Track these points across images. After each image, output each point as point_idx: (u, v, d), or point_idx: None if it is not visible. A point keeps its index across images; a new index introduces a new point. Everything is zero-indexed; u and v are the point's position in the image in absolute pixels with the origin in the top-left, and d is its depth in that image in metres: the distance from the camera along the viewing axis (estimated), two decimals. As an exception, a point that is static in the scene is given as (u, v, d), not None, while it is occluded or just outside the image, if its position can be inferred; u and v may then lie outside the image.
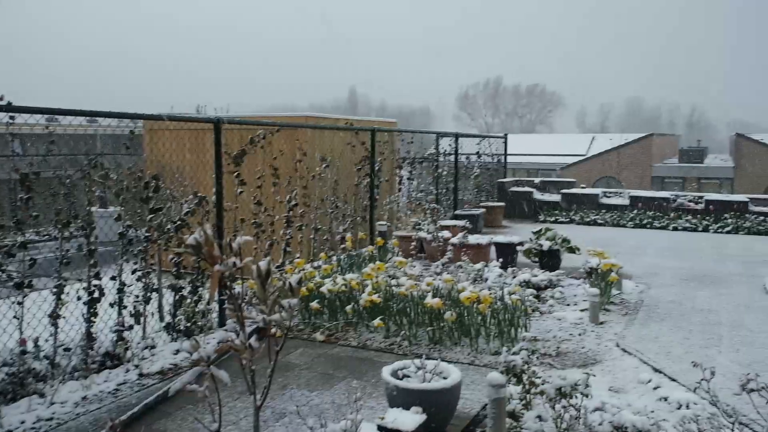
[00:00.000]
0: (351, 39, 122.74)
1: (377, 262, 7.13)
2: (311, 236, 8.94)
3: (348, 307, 6.49)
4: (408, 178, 12.76)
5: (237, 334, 2.13)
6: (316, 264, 7.65)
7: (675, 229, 14.58)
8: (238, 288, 2.06)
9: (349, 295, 6.64)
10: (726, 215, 14.56)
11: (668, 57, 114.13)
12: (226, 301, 2.07)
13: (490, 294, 6.07)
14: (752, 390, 3.63)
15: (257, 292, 1.98)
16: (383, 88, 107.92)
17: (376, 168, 9.98)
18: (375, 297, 6.31)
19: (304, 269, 7.19)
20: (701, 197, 15.37)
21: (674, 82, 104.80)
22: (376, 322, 6.05)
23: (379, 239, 8.92)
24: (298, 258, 7.50)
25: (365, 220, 9.97)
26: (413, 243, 9.73)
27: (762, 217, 14.39)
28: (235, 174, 6.95)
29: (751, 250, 11.83)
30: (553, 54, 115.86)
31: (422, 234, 10.12)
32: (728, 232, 14.13)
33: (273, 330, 2.15)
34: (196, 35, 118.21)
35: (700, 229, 14.44)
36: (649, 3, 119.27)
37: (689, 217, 14.82)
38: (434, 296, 6.20)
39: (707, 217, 14.68)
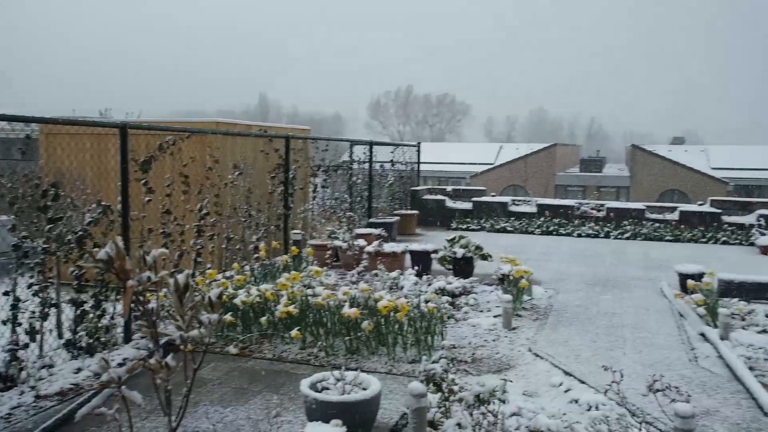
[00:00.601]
0: (261, 43, 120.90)
1: (292, 272, 7.00)
2: (223, 246, 8.68)
3: (263, 319, 6.32)
4: (322, 186, 12.67)
5: (150, 352, 1.99)
6: (228, 275, 7.42)
7: (579, 235, 15.21)
8: (152, 303, 1.92)
9: (263, 307, 6.47)
10: (625, 222, 15.35)
11: (570, 69, 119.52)
12: (139, 317, 1.93)
13: (407, 302, 6.08)
14: (657, 390, 3.81)
15: (175, 307, 1.86)
16: (294, 94, 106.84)
17: (291, 176, 9.83)
18: (291, 308, 6.19)
19: (216, 280, 6.96)
20: (603, 205, 16.13)
21: (575, 94, 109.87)
22: (294, 332, 5.92)
23: (293, 248, 8.77)
24: (209, 269, 7.25)
25: (279, 228, 9.79)
26: (329, 252, 9.64)
27: (657, 224, 15.28)
28: (143, 181, 6.64)
29: (648, 255, 12.50)
30: (462, 64, 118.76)
31: (338, 243, 10.05)
32: (627, 239, 14.90)
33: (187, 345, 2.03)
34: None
35: (602, 235, 15.14)
36: (553, 17, 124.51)
37: (592, 224, 15.51)
38: (351, 306, 6.14)
39: (608, 224, 15.42)
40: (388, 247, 9.50)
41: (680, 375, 5.59)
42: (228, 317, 6.26)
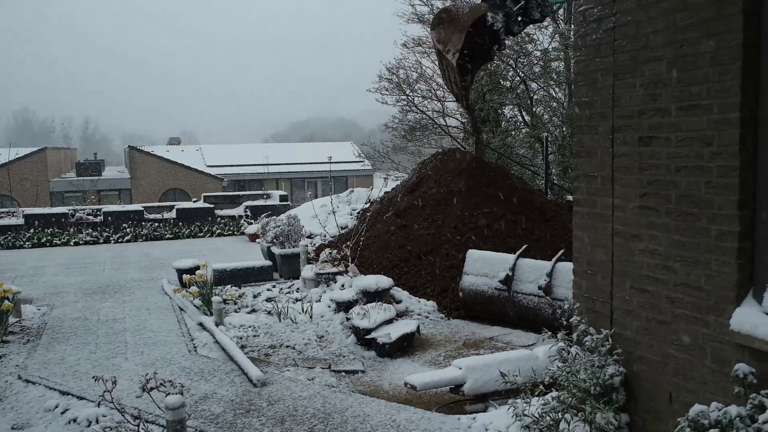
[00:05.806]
0: None
1: None
2: None
3: None
4: None
5: None
6: None
7: (77, 243, 14.39)
8: None
9: None
10: (125, 225, 15.18)
11: (57, 69, 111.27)
12: None
13: None
14: (152, 388, 3.83)
15: None
16: None
17: None
18: None
19: None
20: (99, 210, 15.61)
21: (66, 94, 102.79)
22: None
23: None
24: None
25: None
26: None
27: (156, 224, 15.59)
28: None
29: (149, 255, 12.63)
30: None
31: None
32: (128, 241, 14.78)
33: None
34: None
35: (101, 241, 14.65)
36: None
37: (90, 230, 14.85)
38: None
39: (107, 229, 15.00)
40: None
41: (181, 367, 5.79)
42: None
